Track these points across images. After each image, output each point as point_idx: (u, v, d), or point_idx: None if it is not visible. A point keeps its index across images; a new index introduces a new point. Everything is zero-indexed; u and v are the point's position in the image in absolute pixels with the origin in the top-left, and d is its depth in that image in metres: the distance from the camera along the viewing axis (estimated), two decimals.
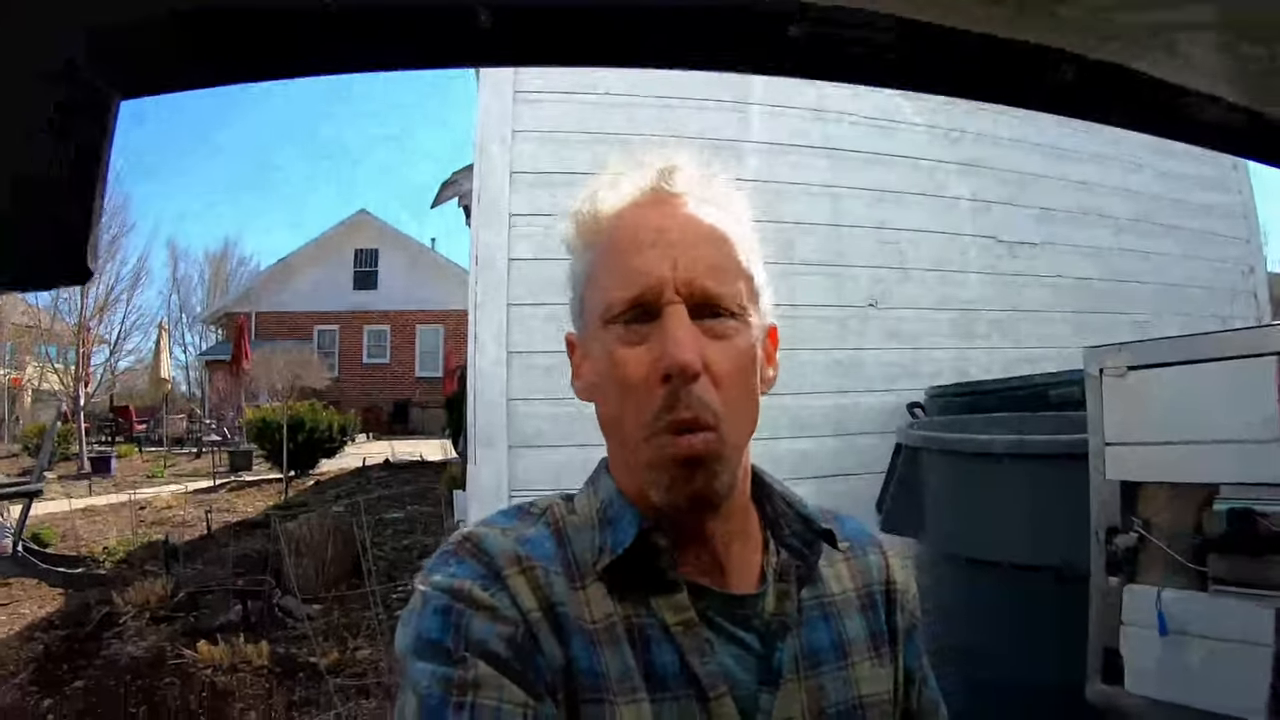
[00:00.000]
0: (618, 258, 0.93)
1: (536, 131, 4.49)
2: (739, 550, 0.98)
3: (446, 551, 0.92)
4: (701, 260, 0.91)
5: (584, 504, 1.00)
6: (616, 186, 0.99)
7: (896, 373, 5.00)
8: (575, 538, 0.96)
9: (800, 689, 0.94)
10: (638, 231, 0.94)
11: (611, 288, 0.92)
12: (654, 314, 0.90)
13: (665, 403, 0.87)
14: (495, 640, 0.83)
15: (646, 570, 0.92)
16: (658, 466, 0.89)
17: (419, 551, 8.47)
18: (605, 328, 0.93)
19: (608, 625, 0.89)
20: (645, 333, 0.90)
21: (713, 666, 0.89)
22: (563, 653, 0.86)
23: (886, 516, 3.27)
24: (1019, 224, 5.50)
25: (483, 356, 4.28)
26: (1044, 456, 2.76)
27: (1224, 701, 1.94)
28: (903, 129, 5.29)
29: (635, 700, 0.86)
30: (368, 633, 5.95)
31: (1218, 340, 2.03)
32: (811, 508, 1.05)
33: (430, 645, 0.83)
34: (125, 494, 12.32)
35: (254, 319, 28.61)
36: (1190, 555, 2.04)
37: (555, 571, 0.91)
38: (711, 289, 0.90)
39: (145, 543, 9.16)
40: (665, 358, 0.86)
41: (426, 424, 27.81)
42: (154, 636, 6.14)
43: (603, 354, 0.93)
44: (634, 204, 0.97)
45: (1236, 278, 6.33)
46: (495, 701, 0.79)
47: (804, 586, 1.01)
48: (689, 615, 0.91)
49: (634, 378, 0.89)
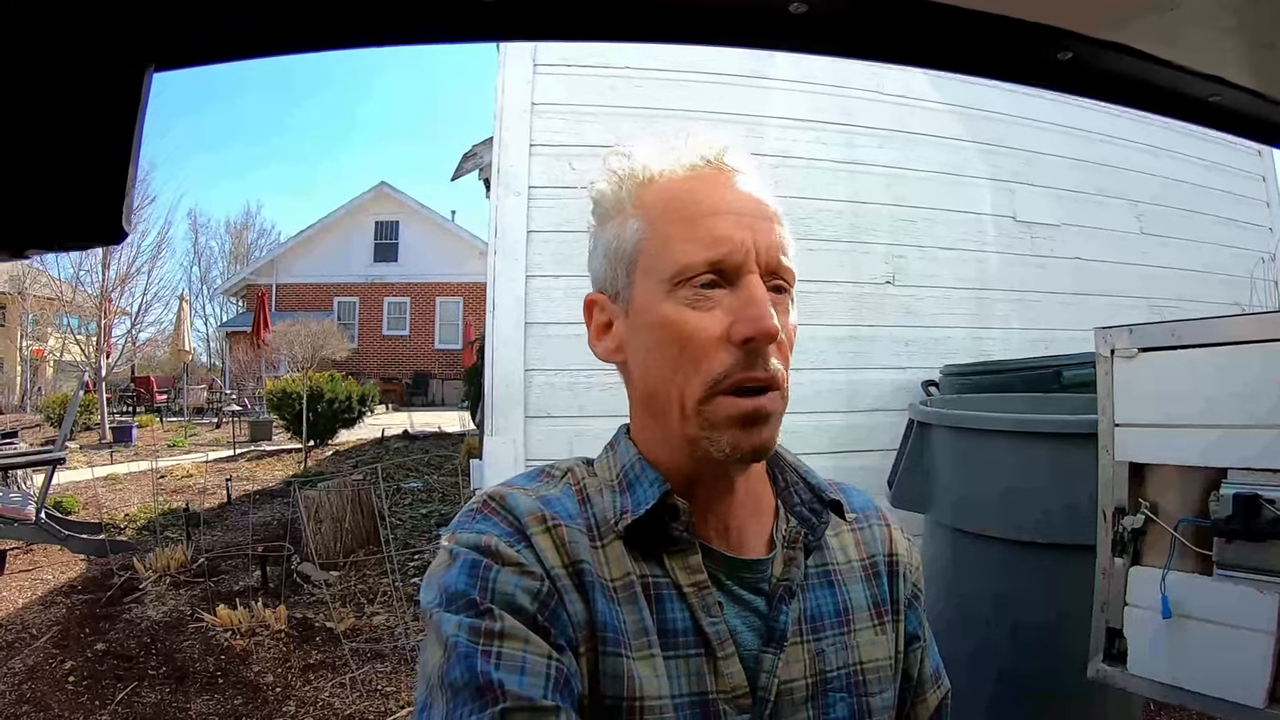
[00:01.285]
0: (694, 223, 0.95)
1: (555, 104, 4.49)
2: (751, 516, 1.03)
3: (472, 510, 0.95)
4: (772, 234, 0.96)
5: (604, 467, 1.04)
6: (668, 155, 1.01)
7: (913, 350, 5.00)
8: (596, 499, 0.99)
9: (803, 651, 0.97)
10: (714, 200, 0.96)
11: (690, 249, 0.94)
12: (730, 280, 0.93)
13: (743, 363, 0.91)
14: (521, 594, 0.85)
15: (663, 531, 0.95)
16: (720, 425, 0.92)
17: (437, 520, 8.56)
18: (673, 290, 0.94)
19: (625, 583, 0.93)
20: (721, 298, 0.93)
21: (721, 626, 0.93)
22: (585, 608, 0.89)
23: (896, 492, 3.29)
24: (1038, 204, 5.46)
25: (500, 327, 4.31)
26: (1051, 435, 2.78)
27: (1225, 685, 1.95)
28: (922, 107, 5.25)
29: (650, 655, 0.90)
30: (384, 599, 6.04)
31: (1230, 324, 2.02)
32: (821, 479, 1.09)
33: (458, 597, 0.85)
34: (146, 463, 12.45)
35: (274, 290, 28.82)
36: (1195, 539, 2.05)
37: (578, 530, 0.94)
38: (781, 262, 0.96)
39: (166, 510, 9.26)
40: (752, 320, 0.90)
41: (445, 395, 28.02)
42: (174, 601, 6.26)
43: (665, 316, 0.95)
44: (696, 174, 0.99)
45: (1256, 265, 6.27)
46: (521, 652, 0.82)
47: (811, 554, 1.04)
48: (701, 577, 0.95)
49: (703, 339, 0.92)
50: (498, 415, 4.27)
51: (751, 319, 0.89)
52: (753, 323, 0.89)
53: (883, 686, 1.03)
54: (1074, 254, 5.56)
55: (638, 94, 4.56)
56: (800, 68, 4.94)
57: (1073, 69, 0.84)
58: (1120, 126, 5.80)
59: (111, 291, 19.66)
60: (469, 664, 0.80)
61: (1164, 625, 2.07)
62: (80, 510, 9.66)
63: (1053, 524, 2.72)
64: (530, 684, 0.79)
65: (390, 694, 4.51)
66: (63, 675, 4.81)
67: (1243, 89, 0.87)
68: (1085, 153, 5.69)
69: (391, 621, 5.55)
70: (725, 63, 4.76)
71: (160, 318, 24.19)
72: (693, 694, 0.90)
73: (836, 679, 0.99)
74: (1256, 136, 0.97)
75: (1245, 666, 1.90)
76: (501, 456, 4.21)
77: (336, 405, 14.70)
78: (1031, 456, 2.82)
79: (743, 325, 0.90)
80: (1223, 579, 1.97)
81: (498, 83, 4.48)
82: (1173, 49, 0.82)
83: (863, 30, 0.77)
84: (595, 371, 4.26)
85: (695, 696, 0.90)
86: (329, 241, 30.96)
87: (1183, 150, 6.10)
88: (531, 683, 0.80)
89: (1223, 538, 1.95)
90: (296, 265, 30.68)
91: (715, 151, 0.99)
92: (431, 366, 30.43)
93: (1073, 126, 5.66)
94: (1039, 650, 2.74)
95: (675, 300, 0.94)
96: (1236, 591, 1.93)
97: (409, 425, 17.55)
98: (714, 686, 0.91)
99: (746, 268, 0.92)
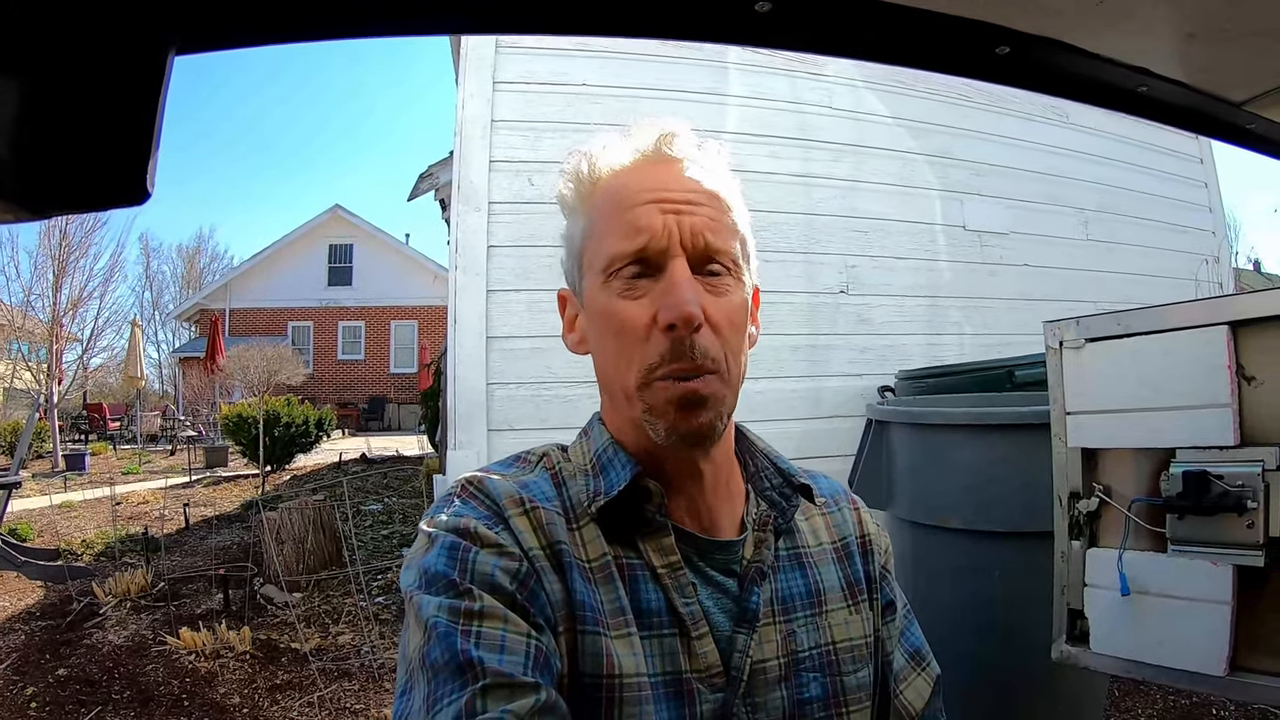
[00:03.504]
0: (621, 214, 0.98)
1: (515, 121, 4.53)
2: (722, 500, 1.05)
3: (450, 494, 0.97)
4: (702, 216, 0.97)
5: (578, 451, 1.06)
6: (613, 148, 1.04)
7: (869, 357, 5.09)
8: (570, 482, 1.02)
9: (775, 632, 1.00)
10: (641, 189, 0.98)
11: (614, 242, 0.97)
12: (656, 267, 0.95)
13: (671, 351, 0.92)
14: (500, 575, 0.87)
15: (637, 513, 0.98)
16: (658, 410, 0.94)
17: (398, 540, 8.50)
18: (606, 281, 0.97)
19: (602, 564, 0.95)
20: (647, 286, 0.95)
21: (694, 607, 0.95)
22: (563, 588, 0.91)
23: (857, 490, 3.34)
24: (987, 214, 5.60)
25: (462, 342, 4.32)
26: (1006, 427, 2.87)
27: (1186, 657, 2.01)
28: (873, 121, 5.37)
29: (628, 634, 0.92)
30: (350, 618, 5.99)
31: (1171, 311, 2.10)
32: (791, 464, 1.12)
33: (438, 578, 0.86)
34: (101, 490, 12.23)
35: (228, 315, 28.42)
36: (1149, 518, 2.11)
37: (555, 512, 0.96)
38: (713, 243, 0.96)
39: (124, 536, 9.12)
40: (671, 308, 0.91)
41: (402, 420, 27.78)
42: (135, 625, 6.15)
43: (602, 307, 0.98)
44: (634, 164, 1.02)
45: (1200, 267, 6.46)
46: (500, 630, 0.83)
47: (781, 537, 1.07)
48: (674, 558, 0.97)
49: (634, 328, 0.94)
50: (460, 429, 4.28)
51: (670, 306, 0.91)
52: (671, 309, 0.91)
53: (857, 665, 1.05)
54: (1023, 261, 5.71)
55: (595, 110, 4.61)
56: (755, 84, 5.04)
57: (1011, 63, 0.90)
58: (1066, 137, 5.99)
59: (63, 316, 19.32)
60: (449, 643, 0.81)
61: (1123, 603, 2.13)
62: (36, 537, 9.45)
63: (1011, 512, 2.80)
64: (510, 662, 0.80)
65: (360, 711, 4.48)
66: (24, 702, 4.71)
67: (1168, 80, 0.94)
68: (1032, 163, 5.85)
69: (358, 640, 5.51)
70: (681, 79, 4.85)
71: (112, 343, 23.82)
72: (668, 673, 0.92)
73: (809, 659, 1.01)
74: (1183, 125, 1.04)
75: (1205, 637, 1.96)
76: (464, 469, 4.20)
77: (294, 430, 14.49)
78: (988, 448, 2.91)
79: (663, 312, 0.92)
80: (1177, 554, 2.03)
81: (458, 99, 4.52)
82: (1101, 43, 0.88)
83: (822, 27, 0.83)
84: (556, 384, 4.30)
85: (670, 675, 0.92)
86: (283, 265, 30.63)
87: (1127, 159, 6.31)
88: (511, 660, 0.81)
89: (1175, 514, 2.01)
90: (250, 289, 30.31)
91: (655, 141, 1.02)
92: (387, 390, 30.19)
93: (1019, 138, 5.83)
94: (1004, 636, 2.82)
95: (609, 291, 0.97)
96: (1191, 566, 1.99)
97: (366, 450, 17.42)
98: (688, 666, 0.93)
99: (670, 253, 0.95)
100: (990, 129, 5.73)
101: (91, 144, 0.55)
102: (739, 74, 5.02)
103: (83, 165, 0.56)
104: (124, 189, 0.56)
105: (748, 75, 5.03)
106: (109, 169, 0.56)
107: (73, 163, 0.55)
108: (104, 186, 0.56)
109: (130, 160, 0.56)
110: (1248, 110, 0.99)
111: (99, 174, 0.56)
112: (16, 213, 0.56)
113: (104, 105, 0.55)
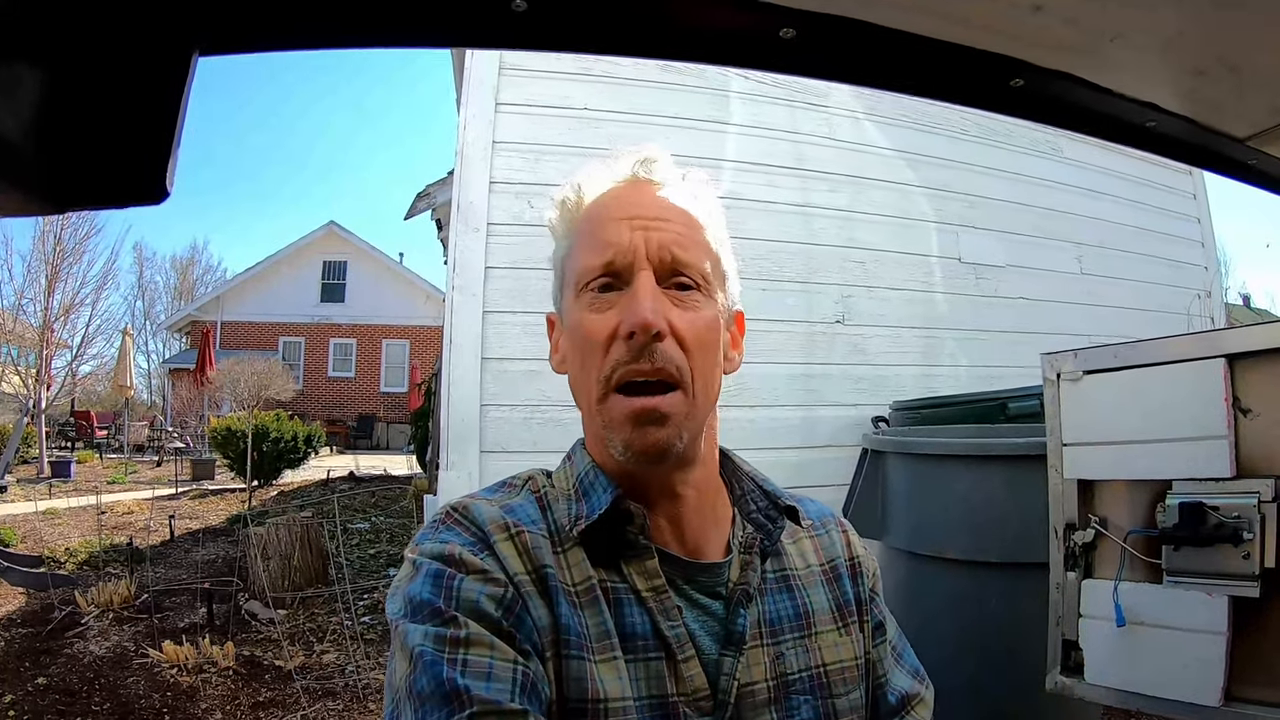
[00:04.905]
0: (594, 232, 1.01)
1: (516, 143, 4.55)
2: (708, 523, 1.05)
3: (435, 521, 0.96)
4: (671, 232, 0.99)
5: (561, 476, 1.07)
6: (596, 175, 1.07)
7: (864, 387, 5.10)
8: (555, 506, 1.02)
9: (763, 655, 1.00)
10: (615, 208, 1.01)
11: (586, 257, 1.00)
12: (624, 281, 0.97)
13: (628, 356, 0.94)
14: (486, 601, 0.87)
15: (620, 537, 0.98)
16: (615, 425, 0.95)
17: (385, 560, 8.45)
18: (578, 297, 1.00)
19: (587, 587, 0.95)
20: (615, 299, 0.97)
21: (680, 630, 0.95)
22: (549, 613, 0.91)
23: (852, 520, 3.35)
24: (982, 246, 5.63)
25: (457, 362, 4.32)
26: (1002, 458, 2.88)
27: (1181, 687, 2.03)
28: (872, 153, 5.41)
29: (613, 658, 0.92)
30: (335, 637, 5.95)
31: (1167, 344, 2.13)
32: (777, 486, 1.12)
33: (423, 606, 0.86)
34: (86, 498, 12.16)
35: (219, 327, 28.37)
36: (1144, 549, 2.14)
37: (541, 535, 0.96)
38: (680, 256, 0.98)
39: (108, 545, 9.05)
40: (630, 315, 0.93)
41: (391, 439, 27.65)
42: (118, 636, 6.10)
43: (575, 320, 1.00)
44: (613, 189, 1.05)
45: (1192, 301, 6.51)
46: (487, 658, 0.83)
47: (767, 559, 1.07)
48: (659, 582, 0.97)
49: (600, 338, 0.96)
50: (453, 450, 4.27)
51: (630, 313, 0.93)
52: (631, 317, 0.93)
53: (849, 687, 1.05)
54: (1018, 294, 5.75)
55: (596, 135, 4.63)
56: (755, 114, 5.08)
57: (1024, 95, 0.92)
58: (1061, 172, 6.06)
59: (55, 321, 19.22)
60: (435, 671, 0.81)
61: (1119, 634, 2.15)
62: (19, 543, 9.39)
63: (1006, 543, 2.81)
64: (497, 689, 0.81)
65: None
66: (2, 709, 4.66)
67: (1175, 115, 0.96)
68: (1027, 197, 5.91)
69: (343, 660, 5.47)
70: (682, 107, 4.89)
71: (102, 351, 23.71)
72: (654, 696, 0.92)
73: (799, 681, 1.01)
74: (1189, 160, 1.06)
75: (1200, 667, 1.98)
76: (456, 491, 4.19)
77: (282, 445, 14.40)
78: (984, 479, 2.92)
79: (624, 321, 0.93)
80: (1172, 585, 2.06)
81: (460, 120, 4.54)
82: (1112, 78, 0.90)
83: (842, 56, 0.85)
84: (550, 407, 4.30)
85: (656, 699, 0.92)
86: (276, 280, 30.61)
87: (1121, 194, 6.38)
88: (499, 688, 0.81)
89: (1171, 545, 2.05)
90: (242, 303, 30.25)
91: (633, 166, 1.05)
92: (377, 409, 30.08)
93: (1015, 172, 5.89)
94: (998, 667, 2.82)
95: (580, 305, 1.00)
96: (1187, 596, 2.02)
97: (354, 468, 17.33)
98: (675, 689, 0.93)
99: (636, 267, 0.97)
100: (986, 162, 5.78)
101: (115, 141, 0.57)
102: (740, 102, 5.05)
103: (105, 162, 0.57)
104: (144, 187, 0.58)
105: (748, 104, 5.07)
106: (131, 166, 0.57)
107: (96, 159, 0.57)
108: (125, 183, 0.58)
109: (151, 158, 0.57)
110: (1250, 146, 1.01)
111: (121, 171, 0.57)
112: (41, 205, 0.58)
113: (128, 103, 0.57)
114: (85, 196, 0.58)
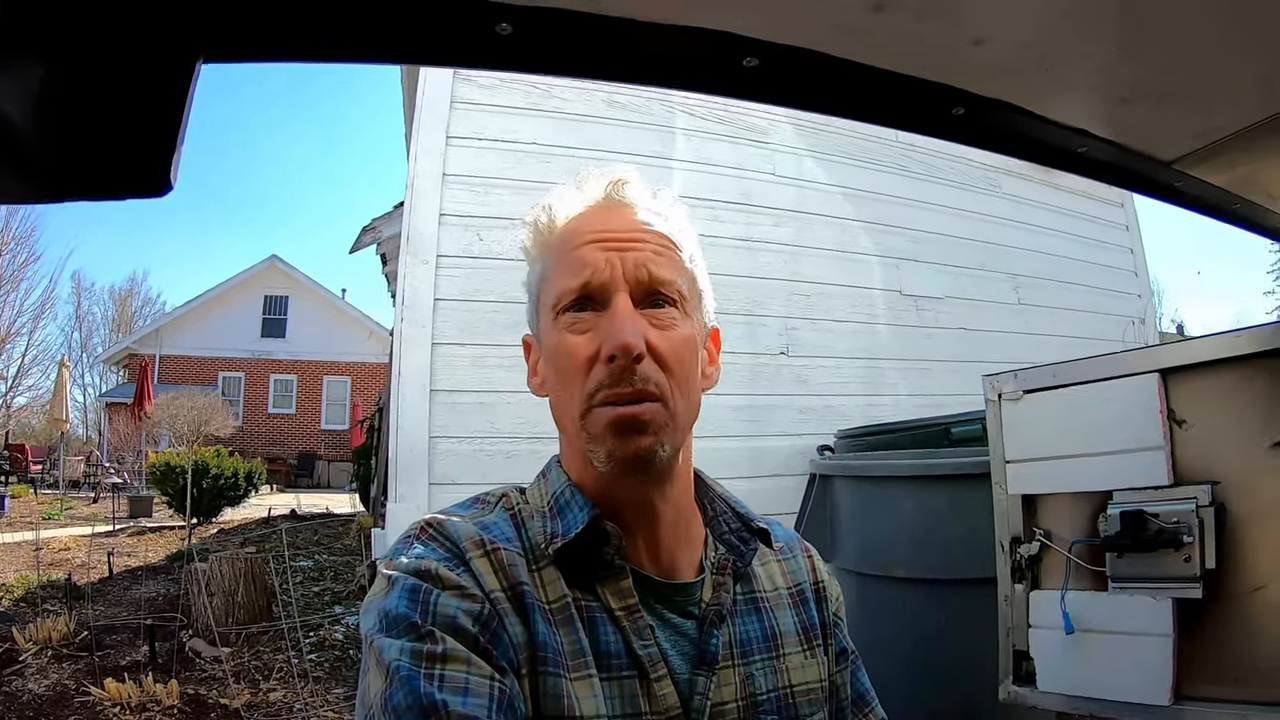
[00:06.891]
0: (569, 254, 1.02)
1: (466, 176, 4.56)
2: (681, 543, 1.06)
3: (409, 536, 0.96)
4: (646, 251, 1.01)
5: (535, 493, 1.07)
6: (569, 198, 1.08)
7: (808, 417, 5.16)
8: (530, 523, 1.02)
9: (734, 675, 1.01)
10: (588, 230, 1.02)
11: (562, 280, 1.00)
12: (601, 303, 0.98)
13: (610, 379, 0.94)
14: (463, 617, 0.86)
15: (595, 556, 0.98)
16: (598, 436, 0.96)
17: (330, 597, 8.33)
18: (556, 319, 1.01)
19: (562, 605, 0.95)
20: (593, 320, 0.98)
21: (653, 649, 0.96)
22: (525, 630, 0.91)
23: None
24: (923, 279, 5.77)
25: (405, 394, 4.30)
26: (947, 477, 2.96)
27: (1131, 689, 2.09)
28: (815, 188, 5.52)
29: (587, 676, 0.92)
30: (280, 675, 5.85)
31: (1102, 363, 2.22)
32: (749, 509, 1.14)
33: (399, 621, 0.85)
34: (20, 534, 11.82)
35: (158, 361, 27.81)
36: (1089, 558, 2.21)
37: (516, 553, 0.96)
38: (656, 274, 1.00)
39: (45, 581, 8.80)
40: (611, 338, 0.94)
41: (332, 477, 27.23)
42: (57, 674, 5.93)
43: (554, 343, 1.01)
44: (586, 210, 1.06)
45: (1127, 328, 6.71)
46: (464, 673, 0.82)
47: (739, 581, 1.09)
48: (632, 601, 0.98)
49: (580, 361, 0.97)
50: (401, 482, 4.23)
51: (610, 336, 0.94)
52: (611, 340, 0.94)
53: (814, 709, 1.08)
54: (958, 324, 5.88)
55: (545, 169, 4.66)
56: (700, 150, 5.16)
57: (965, 123, 0.98)
58: (999, 206, 6.25)
59: None
60: (412, 686, 0.80)
61: (1068, 641, 2.22)
62: None
63: (954, 559, 2.88)
64: (474, 704, 0.80)
65: None
66: None
67: (1106, 140, 1.03)
68: (967, 231, 6.08)
69: (290, 698, 5.38)
70: (629, 143, 4.94)
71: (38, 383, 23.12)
72: (627, 714, 0.92)
73: (766, 702, 1.03)
74: (1120, 183, 1.13)
75: (1149, 669, 2.05)
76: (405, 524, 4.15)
77: (222, 482, 14.08)
78: (930, 498, 3.00)
79: (605, 345, 0.94)
80: (1118, 591, 2.13)
81: (411, 152, 4.55)
82: (1047, 105, 0.97)
83: (800, 84, 0.91)
84: (499, 439, 4.29)
85: (630, 717, 0.92)
86: (216, 313, 30.11)
87: (1057, 227, 6.60)
88: (476, 703, 0.80)
89: (1114, 553, 2.12)
90: (182, 336, 29.67)
91: (606, 188, 1.07)
92: (318, 447, 29.66)
93: (955, 207, 6.05)
94: (952, 680, 2.87)
95: (558, 327, 1.01)
96: (1132, 601, 2.09)
97: (296, 506, 17.07)
98: (648, 707, 0.93)
99: (613, 287, 0.98)
100: (926, 197, 5.94)
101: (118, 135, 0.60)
102: (685, 139, 5.13)
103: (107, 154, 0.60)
104: (147, 179, 0.60)
105: (693, 140, 5.16)
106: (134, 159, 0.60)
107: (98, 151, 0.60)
108: (127, 176, 0.60)
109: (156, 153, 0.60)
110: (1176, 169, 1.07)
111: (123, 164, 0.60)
112: (39, 193, 0.60)
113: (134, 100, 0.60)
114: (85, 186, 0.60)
